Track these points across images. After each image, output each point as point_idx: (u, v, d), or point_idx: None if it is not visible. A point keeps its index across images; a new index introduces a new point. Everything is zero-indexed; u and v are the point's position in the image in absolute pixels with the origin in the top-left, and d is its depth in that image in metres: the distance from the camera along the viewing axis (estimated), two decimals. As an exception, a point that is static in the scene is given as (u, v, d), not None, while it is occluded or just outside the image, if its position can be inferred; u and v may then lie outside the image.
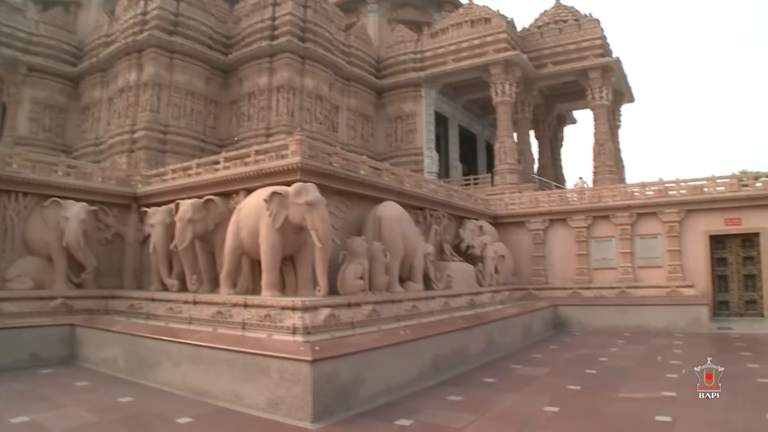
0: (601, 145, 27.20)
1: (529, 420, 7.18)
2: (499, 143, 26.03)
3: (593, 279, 18.88)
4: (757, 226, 17.47)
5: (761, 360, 11.48)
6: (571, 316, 17.86)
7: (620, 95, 31.00)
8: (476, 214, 17.74)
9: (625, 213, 18.56)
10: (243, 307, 9.20)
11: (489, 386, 9.40)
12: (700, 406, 7.80)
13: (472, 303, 13.89)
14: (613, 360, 11.99)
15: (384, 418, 7.24)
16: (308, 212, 9.03)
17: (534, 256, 19.63)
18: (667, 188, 18.61)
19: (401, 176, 13.47)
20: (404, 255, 11.84)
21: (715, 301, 18.20)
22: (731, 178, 18.46)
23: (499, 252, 17.38)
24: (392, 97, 28.20)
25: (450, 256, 15.28)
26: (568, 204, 19.65)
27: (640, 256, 18.52)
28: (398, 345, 9.09)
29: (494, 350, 12.57)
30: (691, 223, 18.05)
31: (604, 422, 7.14)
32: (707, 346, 13.71)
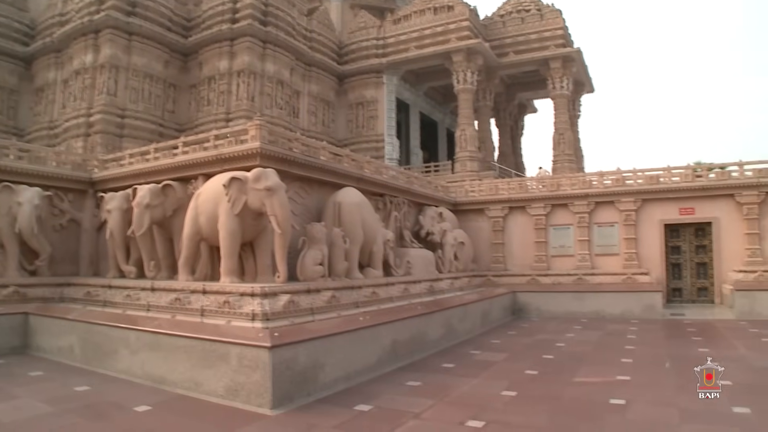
0: (560, 134, 27.57)
1: (487, 404, 7.30)
2: (460, 131, 26.19)
3: (551, 266, 19.19)
4: (710, 216, 17.98)
5: (711, 344, 11.86)
6: (529, 302, 18.14)
7: (580, 85, 31.43)
8: (436, 200, 17.85)
9: (583, 201, 18.88)
10: (202, 293, 9.14)
11: (448, 371, 9.52)
12: (653, 389, 8.07)
13: (432, 289, 14.00)
14: (569, 345, 12.24)
15: (343, 403, 7.29)
16: (268, 198, 8.97)
17: (493, 243, 19.84)
18: (624, 178, 18.99)
19: (361, 162, 13.47)
20: (364, 241, 11.87)
21: (669, 288, 18.73)
22: (686, 168, 18.96)
23: (459, 239, 17.51)
24: (354, 84, 28.10)
25: (410, 242, 15.36)
26: (527, 192, 19.88)
27: (597, 243, 18.88)
28: (357, 331, 9.14)
29: (453, 336, 12.72)
30: (647, 211, 18.49)
31: (561, 406, 7.30)
32: (661, 331, 14.07)
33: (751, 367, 9.56)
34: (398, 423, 6.36)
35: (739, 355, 10.65)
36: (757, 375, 8.94)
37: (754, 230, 17.24)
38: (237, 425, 6.40)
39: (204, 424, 6.57)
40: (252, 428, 6.32)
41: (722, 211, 17.80)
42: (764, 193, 17.21)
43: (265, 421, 6.60)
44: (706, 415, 6.73)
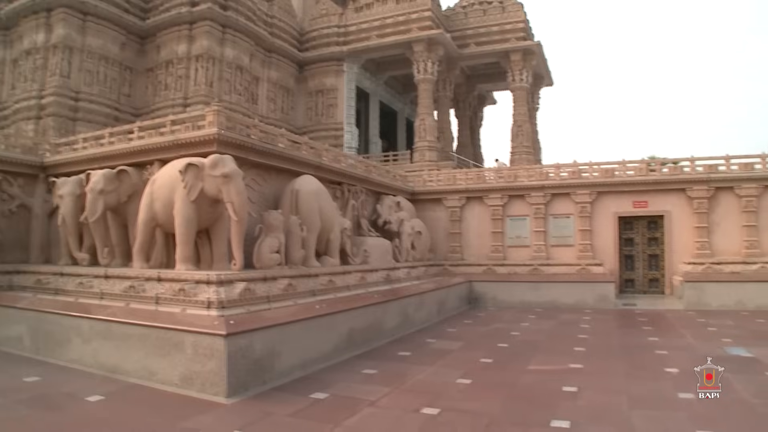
0: (519, 126, 27.90)
1: (443, 392, 7.40)
2: (420, 120, 26.28)
3: (507, 256, 19.45)
4: (662, 209, 18.48)
5: (660, 334, 12.23)
6: (485, 291, 18.36)
7: (540, 78, 31.83)
8: (394, 190, 17.91)
9: (540, 193, 19.17)
10: (157, 281, 9.01)
11: (404, 359, 9.62)
12: (604, 377, 8.32)
13: (389, 278, 14.08)
14: (524, 334, 12.47)
15: (299, 391, 7.31)
16: (224, 185, 8.88)
17: (450, 233, 20.00)
18: (580, 170, 19.35)
19: (320, 150, 13.42)
20: (321, 229, 11.84)
21: (622, 279, 19.20)
22: (641, 162, 19.46)
23: (416, 228, 17.62)
24: (314, 71, 27.91)
25: (367, 231, 15.40)
26: (485, 182, 20.09)
27: (553, 234, 19.21)
28: (314, 319, 9.16)
29: (410, 325, 12.83)
30: (601, 204, 18.89)
31: (514, 393, 7.45)
32: (613, 321, 14.48)
33: (697, 355, 9.87)
34: (354, 410, 6.41)
35: (686, 344, 11.03)
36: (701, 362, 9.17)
37: (703, 224, 17.79)
38: (191, 414, 6.36)
39: (158, 414, 6.50)
40: (207, 417, 6.29)
41: (674, 204, 18.31)
42: (714, 188, 17.76)
43: (220, 409, 6.58)
44: (654, 401, 6.97)
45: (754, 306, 15.96)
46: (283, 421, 6.13)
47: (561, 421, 6.11)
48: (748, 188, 17.48)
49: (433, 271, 18.03)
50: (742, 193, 17.56)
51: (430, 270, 17.85)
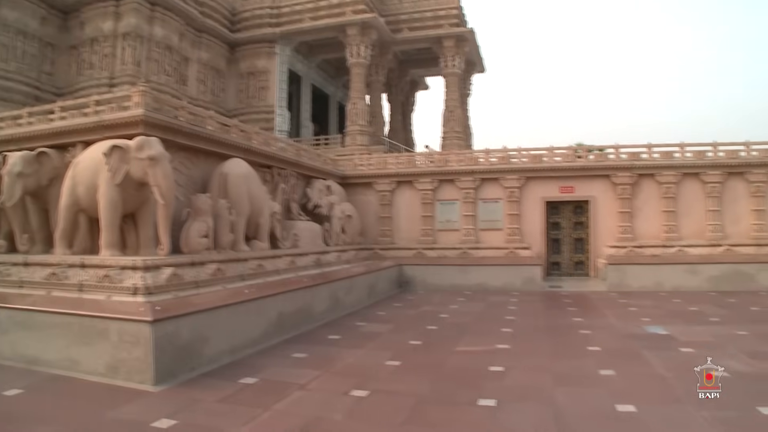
0: (450, 111, 28.27)
1: (372, 374, 7.51)
2: (352, 104, 26.28)
3: (437, 240, 19.74)
4: (588, 195, 19.14)
5: (584, 314, 12.73)
6: (415, 275, 18.57)
7: (472, 65, 32.26)
8: (325, 174, 17.87)
9: (470, 178, 19.48)
10: (80, 267, 8.74)
11: (333, 343, 9.68)
12: (530, 357, 8.60)
13: (319, 262, 14.09)
14: (453, 316, 12.70)
15: (228, 377, 7.27)
16: (150, 167, 8.65)
17: (381, 217, 20.13)
18: (509, 156, 19.79)
19: (250, 133, 13.25)
20: (250, 213, 11.72)
21: (549, 262, 19.76)
22: (568, 149, 20.09)
23: (347, 212, 17.66)
24: (246, 52, 27.45)
25: (297, 215, 15.33)
26: (415, 167, 20.29)
27: (482, 219, 19.58)
28: (242, 304, 9.09)
29: (340, 308, 12.90)
30: (529, 189, 19.37)
31: (442, 374, 7.61)
32: (539, 302, 14.93)
33: (618, 333, 10.39)
34: (284, 394, 6.44)
35: (608, 324, 11.52)
36: (622, 341, 9.71)
37: (626, 209, 18.57)
38: (117, 404, 6.22)
39: (81, 405, 6.31)
40: (133, 406, 6.17)
41: (599, 190, 19.00)
42: (637, 174, 18.55)
43: (147, 397, 6.46)
44: (576, 379, 7.29)
45: (671, 287, 16.84)
46: (211, 407, 6.10)
47: (487, 400, 6.31)
48: (668, 175, 18.36)
49: (363, 255, 18.13)
50: (663, 180, 18.42)
51: (361, 254, 17.95)
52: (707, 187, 18.24)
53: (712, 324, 11.16)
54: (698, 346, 8.96)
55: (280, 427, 5.45)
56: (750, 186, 18.07)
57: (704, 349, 8.69)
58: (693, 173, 18.34)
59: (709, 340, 9.51)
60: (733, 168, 18.15)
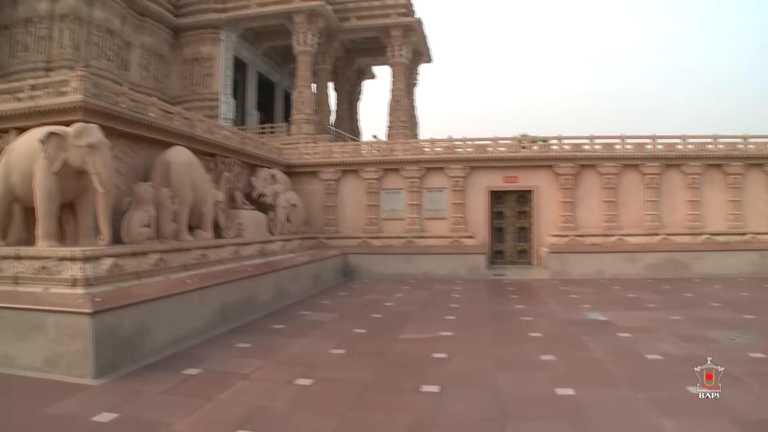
0: (397, 101, 28.33)
1: (316, 362, 7.55)
2: (298, 93, 26.04)
3: (382, 229, 19.83)
4: (531, 185, 19.54)
5: (527, 302, 13.06)
6: (360, 264, 18.66)
7: (419, 55, 32.35)
8: (270, 162, 17.72)
9: (415, 167, 19.62)
10: (15, 259, 8.43)
11: (278, 332, 9.68)
12: (473, 343, 8.78)
13: (263, 251, 14.01)
14: (398, 305, 12.84)
15: (171, 368, 7.20)
16: (90, 155, 8.42)
17: (326, 206, 20.09)
18: (454, 146, 20.03)
19: (193, 121, 13.02)
20: (194, 202, 11.54)
21: (492, 251, 20.10)
22: (512, 140, 20.48)
23: (291, 201, 17.57)
24: (190, 38, 26.79)
25: (241, 204, 15.17)
26: (361, 156, 20.29)
27: (427, 208, 19.76)
28: (185, 294, 9.00)
29: (284, 298, 12.88)
30: (474, 179, 19.65)
31: (386, 361, 7.71)
32: (483, 290, 15.16)
33: (559, 320, 10.71)
34: (227, 385, 6.43)
35: (549, 310, 11.85)
36: (563, 327, 10.01)
37: (568, 199, 19.06)
38: (54, 399, 6.05)
39: (17, 401, 6.12)
40: (72, 401, 6.03)
41: (542, 180, 19.43)
42: (579, 165, 19.06)
43: (86, 391, 6.33)
44: (518, 364, 7.50)
45: (611, 274, 17.43)
46: (154, 399, 6.04)
47: (431, 386, 6.44)
48: (609, 166, 18.93)
49: (308, 244, 18.09)
50: (604, 171, 18.99)
51: (306, 243, 17.90)
52: (646, 178, 18.90)
53: (649, 310, 11.63)
54: (635, 331, 9.36)
55: (223, 417, 5.44)
56: (686, 177, 18.81)
57: (641, 334, 9.12)
58: (633, 165, 18.97)
59: (646, 325, 9.91)
60: (671, 160, 18.86)
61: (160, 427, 5.20)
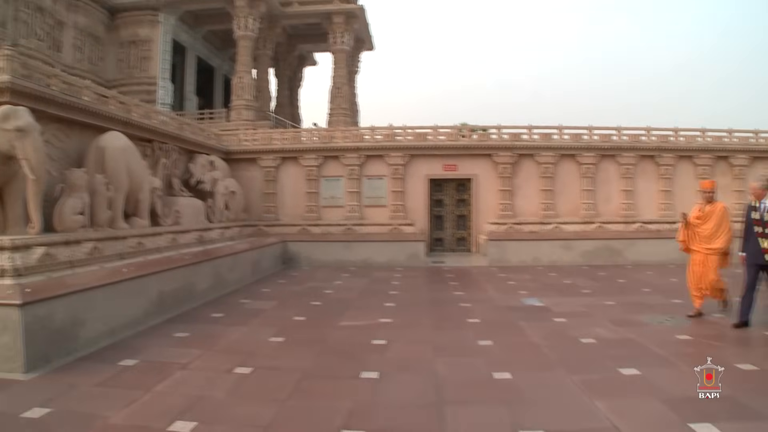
0: (338, 88, 28.28)
1: (256, 351, 7.52)
2: (238, 78, 25.70)
3: (322, 216, 19.83)
4: (470, 173, 19.86)
5: (465, 288, 13.27)
6: (300, 251, 18.59)
7: (361, 42, 32.34)
8: (208, 149, 17.43)
9: (355, 154, 19.66)
10: (-62, 247, 8.11)
11: (217, 321, 9.60)
12: (412, 330, 8.89)
13: (201, 239, 13.83)
14: (337, 292, 12.87)
15: (107, 359, 7.05)
16: (18, 140, 8.09)
17: (265, 193, 19.94)
18: (394, 134, 20.12)
19: (129, 105, 12.69)
20: (130, 189, 11.27)
21: (432, 238, 20.38)
22: (452, 128, 20.75)
23: (230, 188, 17.37)
24: (127, 19, 25.98)
25: (179, 191, 14.89)
26: (300, 143, 20.21)
27: (366, 195, 19.84)
28: (121, 283, 8.79)
29: (223, 286, 12.75)
30: (414, 166, 19.83)
31: (326, 348, 7.74)
32: (422, 277, 15.33)
33: (496, 306, 10.94)
34: (165, 375, 6.35)
35: (487, 297, 12.08)
36: (500, 313, 10.24)
37: (507, 187, 19.48)
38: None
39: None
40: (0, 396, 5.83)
41: (481, 168, 19.78)
42: (517, 154, 19.48)
43: (16, 387, 6.08)
44: (456, 349, 7.65)
45: (548, 261, 17.90)
46: (89, 392, 5.91)
47: (370, 372, 6.51)
48: (546, 156, 19.43)
49: (247, 232, 17.93)
50: (541, 160, 19.47)
51: (245, 230, 17.74)
52: (582, 168, 19.49)
53: (584, 296, 12.01)
54: (570, 316, 9.68)
55: (160, 408, 5.38)
56: (620, 168, 19.51)
57: (576, 319, 9.44)
58: (570, 154, 19.53)
59: (581, 310, 10.24)
60: (606, 150, 19.51)
61: (96, 420, 5.10)
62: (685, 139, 20.03)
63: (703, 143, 19.97)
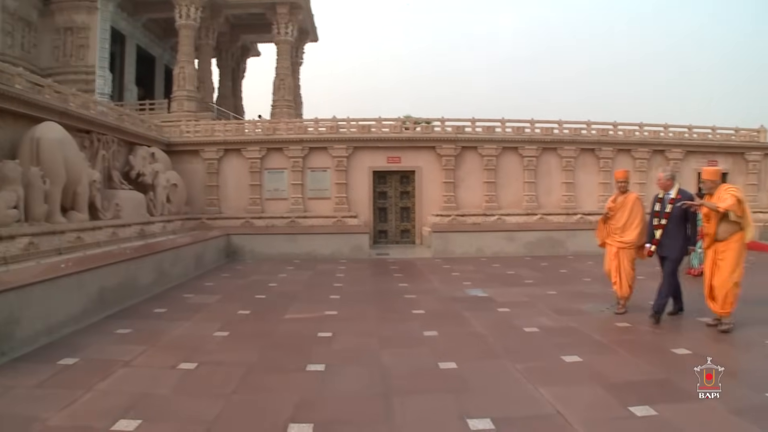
0: (282, 79, 28.05)
1: (200, 346, 7.42)
2: (179, 68, 25.20)
3: (265, 209, 19.73)
4: (414, 165, 20.07)
5: (410, 280, 13.38)
6: (243, 245, 18.36)
7: (305, 33, 32.14)
8: (149, 140, 17.08)
9: (298, 146, 19.60)
10: None
11: (160, 316, 9.41)
12: (357, 322, 8.91)
13: (143, 233, 13.58)
14: (282, 285, 12.79)
15: (46, 359, 6.80)
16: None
17: (208, 186, 19.73)
18: (338, 126, 20.16)
19: (66, 95, 12.34)
20: (67, 182, 10.98)
21: (376, 231, 20.53)
22: (396, 121, 20.88)
23: (172, 181, 17.08)
24: (62, 5, 25.02)
25: (119, 183, 14.58)
26: (243, 135, 20.07)
27: (310, 188, 19.86)
28: (59, 279, 8.52)
29: (166, 280, 12.49)
30: (358, 159, 19.92)
31: (272, 342, 7.69)
32: (367, 270, 15.37)
33: (441, 297, 11.06)
34: (107, 373, 6.20)
35: (432, 288, 12.20)
36: (445, 303, 10.36)
37: (450, 179, 19.76)
38: None
39: None
40: (-71, 402, 5.53)
41: (425, 161, 20.01)
42: (460, 146, 19.78)
43: (-53, 390, 5.84)
44: (402, 341, 7.71)
45: (491, 253, 18.12)
46: (27, 393, 5.70)
47: (316, 365, 6.51)
48: (489, 148, 19.79)
49: (190, 225, 17.68)
50: (484, 153, 19.82)
51: (187, 224, 17.49)
52: (525, 161, 19.95)
53: (527, 286, 12.26)
54: (514, 306, 9.89)
55: (103, 407, 5.26)
56: (562, 160, 20.04)
57: (519, 309, 9.65)
58: (512, 147, 19.96)
59: (524, 300, 10.45)
60: (548, 144, 19.99)
61: (34, 422, 4.93)
62: (624, 133, 20.72)
63: (641, 137, 20.69)
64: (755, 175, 22.36)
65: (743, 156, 22.30)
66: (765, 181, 22.58)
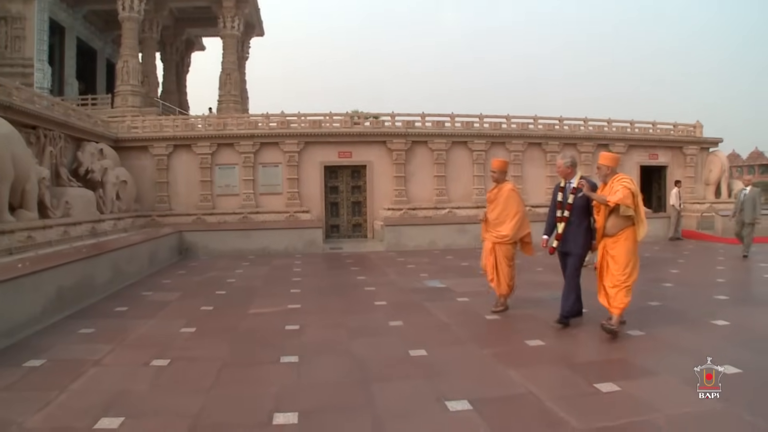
0: (228, 74, 27.70)
1: (169, 342, 7.35)
2: (123, 62, 24.57)
3: (217, 205, 19.55)
4: (365, 160, 20.17)
5: (367, 273, 13.54)
6: (196, 241, 18.13)
7: (251, 27, 31.79)
8: (96, 136, 16.66)
9: (249, 142, 19.45)
10: None
11: (122, 315, 9.25)
12: (322, 314, 9.00)
13: (94, 231, 13.28)
14: (240, 280, 12.78)
15: (10, 362, 6.58)
16: None
17: (157, 182, 19.41)
18: (289, 121, 20.08)
19: (10, 88, 11.92)
20: (15, 179, 10.60)
21: (328, 225, 20.57)
22: (346, 116, 20.95)
23: (121, 177, 16.72)
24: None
25: (68, 181, 14.18)
26: (193, 130, 19.82)
27: (262, 183, 19.77)
28: (15, 280, 8.27)
29: (122, 278, 12.25)
30: (309, 153, 19.89)
31: (240, 336, 7.69)
32: (323, 264, 15.50)
33: (400, 288, 11.29)
34: (78, 373, 6.07)
35: (390, 280, 12.40)
36: (405, 295, 10.58)
37: (401, 173, 19.94)
38: None
39: None
40: None
41: (376, 155, 20.12)
42: (411, 141, 19.96)
43: None
44: (369, 331, 7.85)
45: (443, 245, 18.44)
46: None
47: (290, 356, 6.56)
48: (439, 143, 20.03)
49: (140, 223, 17.36)
50: (434, 147, 20.05)
51: (138, 221, 17.17)
52: (474, 155, 20.27)
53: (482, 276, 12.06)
54: (472, 296, 10.21)
55: (81, 406, 5.15)
56: (510, 154, 20.54)
57: (478, 298, 9.94)
58: (462, 141, 20.26)
59: (481, 290, 10.60)
60: (496, 138, 20.37)
61: (9, 426, 4.77)
62: (569, 128, 21.29)
63: (586, 132, 21.31)
64: (692, 168, 23.41)
65: (681, 150, 23.29)
66: (701, 173, 23.59)
